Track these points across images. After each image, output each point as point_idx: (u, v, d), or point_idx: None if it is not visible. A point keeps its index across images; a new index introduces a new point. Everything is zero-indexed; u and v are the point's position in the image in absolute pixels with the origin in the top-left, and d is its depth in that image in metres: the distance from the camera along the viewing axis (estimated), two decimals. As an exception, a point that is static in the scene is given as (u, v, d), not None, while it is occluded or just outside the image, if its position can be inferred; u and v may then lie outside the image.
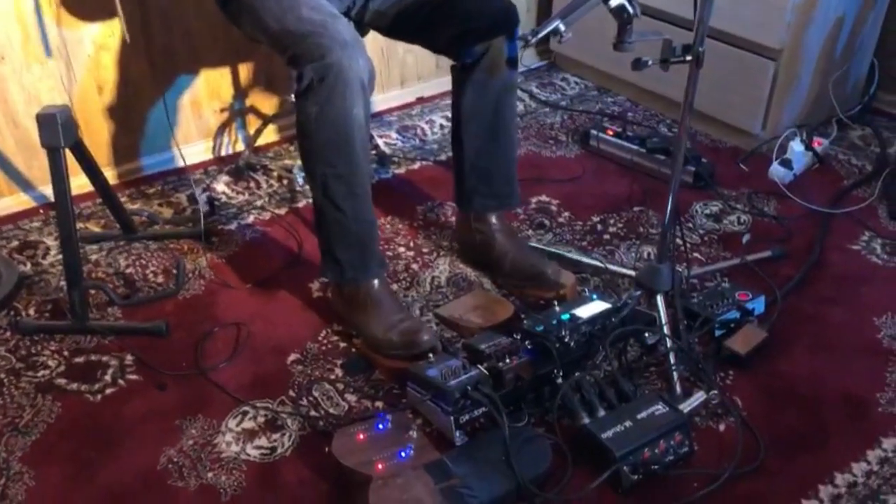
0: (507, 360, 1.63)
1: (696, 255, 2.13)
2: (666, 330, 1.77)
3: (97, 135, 2.36)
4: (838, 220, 2.27)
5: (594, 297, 1.83)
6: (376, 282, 1.82)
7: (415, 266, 2.10)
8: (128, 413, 1.68)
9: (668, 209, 1.82)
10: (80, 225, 2.22)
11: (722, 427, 1.64)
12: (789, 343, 1.85)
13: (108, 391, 1.73)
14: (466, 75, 1.91)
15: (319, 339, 1.87)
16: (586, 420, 1.58)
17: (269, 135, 2.64)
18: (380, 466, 1.48)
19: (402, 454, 1.52)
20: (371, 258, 1.82)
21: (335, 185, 1.74)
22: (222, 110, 2.56)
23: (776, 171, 2.43)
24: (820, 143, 2.51)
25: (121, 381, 1.76)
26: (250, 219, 2.30)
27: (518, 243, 2.03)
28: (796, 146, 2.45)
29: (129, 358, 1.81)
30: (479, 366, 1.63)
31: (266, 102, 2.62)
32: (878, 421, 1.66)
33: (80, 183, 2.15)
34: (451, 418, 1.56)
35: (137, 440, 1.62)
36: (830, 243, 2.18)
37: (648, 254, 2.15)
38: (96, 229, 2.25)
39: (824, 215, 2.27)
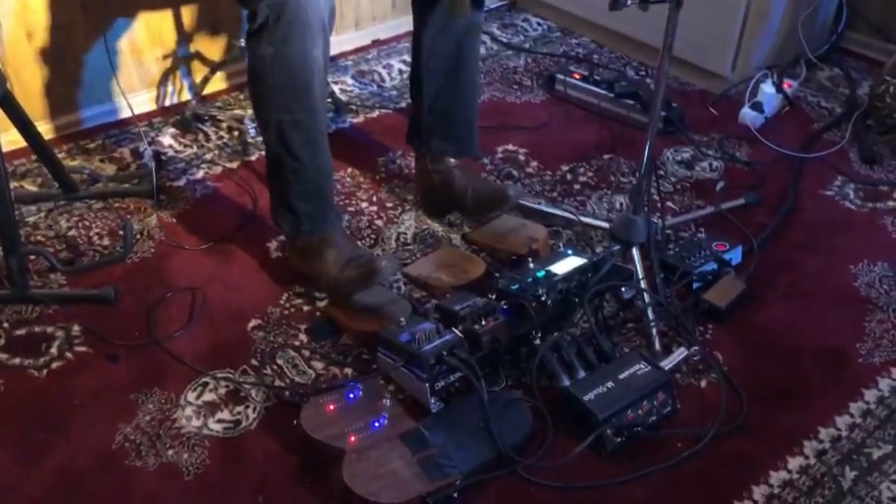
0: (483, 322, 1.55)
1: (668, 204, 2.07)
2: (643, 284, 1.71)
3: (29, 86, 2.18)
4: (810, 164, 2.22)
5: (569, 252, 1.75)
6: (333, 232, 1.72)
7: (379, 222, 2.00)
8: (78, 388, 1.57)
9: (645, 158, 1.75)
10: (14, 184, 2.06)
11: (703, 383, 1.60)
12: (766, 293, 1.81)
13: (55, 365, 1.61)
14: (428, 12, 1.79)
15: (281, 302, 1.76)
16: (566, 382, 1.51)
17: (217, 83, 2.48)
18: (352, 439, 1.40)
19: (376, 424, 1.44)
20: (328, 209, 1.72)
21: (292, 133, 1.62)
22: (165, 57, 2.38)
23: (747, 114, 2.37)
24: (790, 86, 2.45)
25: (68, 354, 1.63)
26: (200, 174, 2.16)
27: (477, 177, 1.97)
28: (767, 88, 2.39)
29: (75, 328, 1.69)
30: (454, 329, 1.55)
31: (213, 48, 2.45)
32: (859, 372, 1.63)
33: (11, 138, 2.00)
34: (426, 385, 1.48)
35: (90, 418, 1.51)
36: (803, 189, 2.13)
37: (621, 204, 2.07)
38: (33, 188, 2.09)
39: (796, 160, 2.22)
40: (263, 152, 2.21)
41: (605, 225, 1.93)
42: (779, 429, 1.52)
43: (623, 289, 1.74)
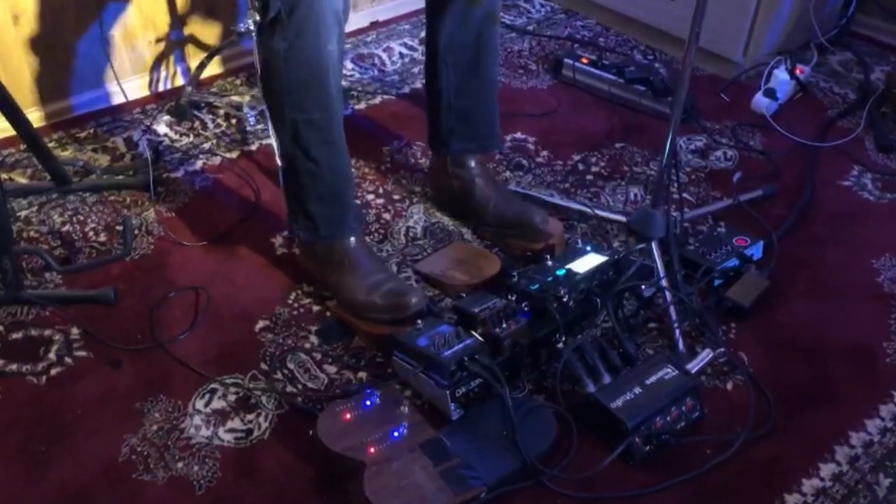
0: (504, 325, 1.49)
1: (684, 195, 2.00)
2: (664, 282, 1.66)
3: (16, 72, 2.07)
4: (826, 153, 2.17)
5: (588, 248, 1.70)
6: (353, 239, 1.64)
7: (386, 216, 1.93)
8: (79, 396, 1.49)
9: (666, 151, 1.69)
10: (3, 175, 1.97)
11: (729, 386, 1.55)
12: (788, 290, 1.76)
13: (54, 371, 1.54)
14: (443, 3, 1.70)
15: (289, 301, 1.69)
16: (591, 388, 1.46)
17: (213, 67, 2.38)
18: (372, 450, 1.35)
19: (395, 434, 1.38)
20: (347, 213, 1.64)
21: (307, 133, 1.54)
22: (158, 41, 2.28)
23: (760, 101, 2.31)
24: (803, 71, 2.39)
25: (67, 360, 1.56)
26: (198, 164, 2.08)
27: (500, 189, 1.87)
28: (781, 74, 2.33)
29: (74, 331, 1.61)
30: (473, 332, 1.49)
31: (208, 31, 2.35)
32: (887, 372, 1.59)
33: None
34: (447, 392, 1.42)
35: (93, 428, 1.44)
36: (820, 179, 2.08)
37: (636, 195, 2.01)
38: (23, 181, 1.99)
39: (812, 149, 2.17)
40: (263, 141, 2.14)
41: (622, 219, 1.87)
42: (808, 433, 1.47)
43: (642, 286, 1.69)
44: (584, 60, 2.41)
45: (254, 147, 2.14)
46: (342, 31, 1.47)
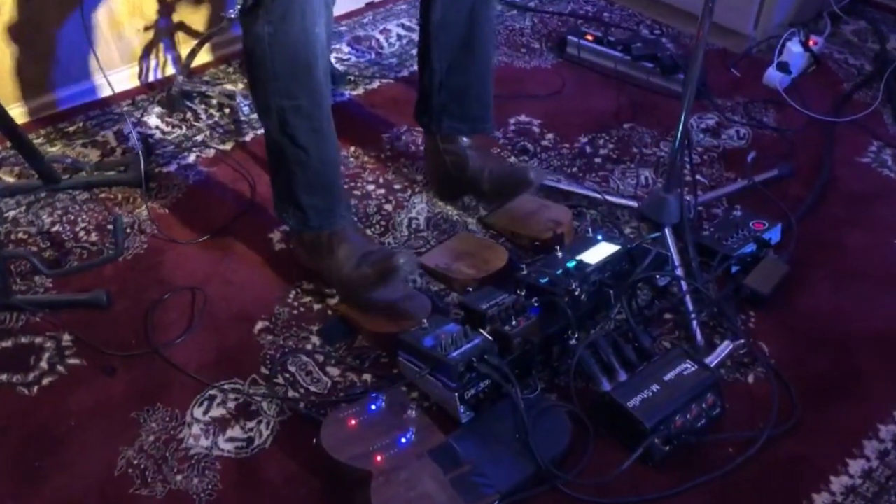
0: (514, 323, 1.42)
1: (697, 177, 1.93)
2: (679, 271, 1.59)
3: (-2, 65, 2.00)
4: (843, 128, 2.09)
5: (599, 237, 1.62)
6: (343, 227, 1.58)
7: (388, 207, 1.85)
8: (73, 407, 1.43)
9: (679, 132, 1.61)
10: (-10, 175, 1.90)
11: (751, 379, 1.48)
12: (808, 275, 1.68)
13: (46, 381, 1.47)
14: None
15: (289, 300, 1.63)
16: (607, 386, 1.39)
17: (203, 55, 2.29)
18: (379, 458, 1.28)
19: (403, 440, 1.32)
20: (337, 202, 1.58)
21: (295, 121, 1.47)
22: (146, 29, 2.20)
23: (773, 76, 2.22)
24: (816, 43, 2.30)
25: (60, 368, 1.50)
26: (191, 158, 2.00)
27: (493, 157, 1.81)
28: (794, 47, 2.24)
29: (66, 338, 1.55)
30: (481, 330, 1.42)
31: (197, 18, 2.26)
32: (915, 360, 1.52)
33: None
34: (456, 395, 1.35)
35: (88, 440, 1.38)
36: (838, 156, 2.00)
37: (647, 178, 1.94)
38: (10, 179, 1.92)
39: (828, 125, 2.09)
40: (258, 131, 2.07)
41: (633, 204, 1.79)
42: (835, 427, 1.41)
43: (657, 276, 1.61)
44: (589, 38, 2.32)
45: (248, 137, 2.06)
46: (330, 14, 1.40)
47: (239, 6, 1.42)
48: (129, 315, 1.59)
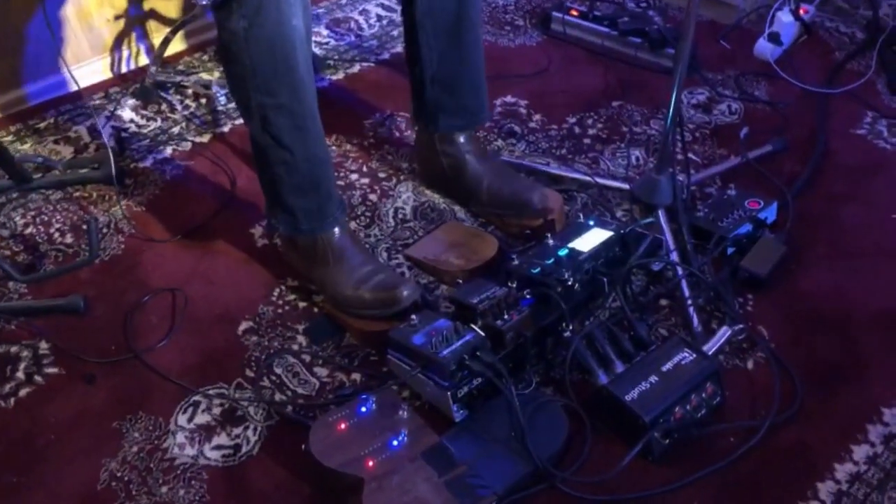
0: (506, 316, 1.38)
1: (689, 155, 1.88)
2: (674, 255, 1.54)
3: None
4: (836, 100, 2.04)
5: (591, 222, 1.57)
6: (337, 230, 1.52)
7: (373, 197, 1.80)
8: (51, 419, 1.38)
9: (671, 111, 1.55)
10: (-42, 177, 1.83)
11: (750, 364, 1.44)
12: (806, 254, 1.64)
13: (23, 392, 1.43)
14: (419, -38, 1.55)
15: (273, 299, 1.57)
16: (604, 379, 1.35)
17: (177, 43, 2.22)
18: (370, 463, 1.24)
19: (395, 443, 1.28)
20: (329, 202, 1.51)
21: (277, 119, 1.40)
22: (117, 18, 2.12)
23: (763, 47, 2.17)
24: (807, 11, 2.24)
25: (37, 378, 1.45)
26: (168, 151, 1.94)
27: (493, 165, 1.73)
28: (784, 17, 2.18)
29: (43, 345, 1.50)
30: (473, 325, 1.38)
31: (169, 5, 2.19)
32: (918, 339, 1.48)
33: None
34: (448, 394, 1.31)
35: (68, 453, 1.33)
36: (832, 128, 1.95)
37: (637, 159, 1.88)
38: (-20, 180, 1.86)
39: (821, 97, 2.03)
40: (237, 122, 2.01)
41: (625, 186, 1.74)
42: (838, 412, 1.37)
43: (652, 262, 1.57)
44: (574, 13, 2.26)
45: (226, 128, 2.00)
46: (307, 3, 1.33)
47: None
48: (108, 320, 1.54)
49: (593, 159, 1.88)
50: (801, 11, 2.22)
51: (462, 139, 1.70)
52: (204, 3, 1.90)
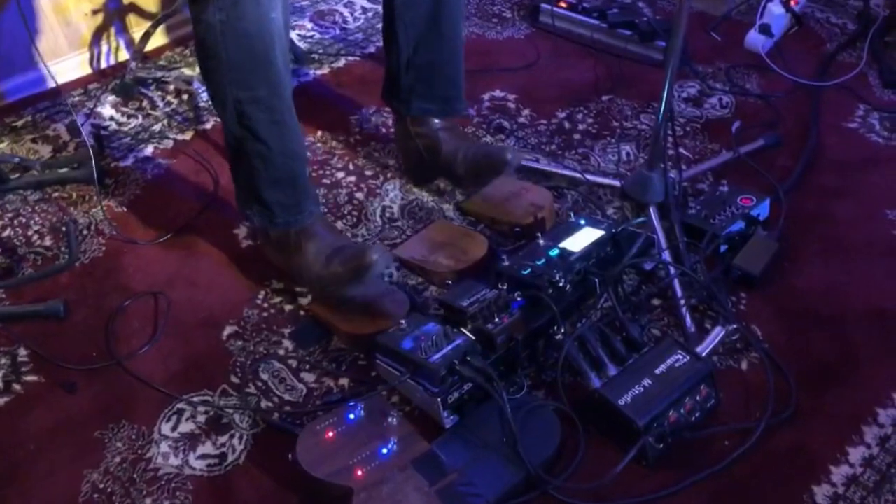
0: (497, 320, 1.35)
1: (680, 150, 1.85)
2: (667, 254, 1.52)
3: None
4: (828, 93, 2.02)
5: (582, 221, 1.55)
6: (310, 222, 1.49)
7: (359, 195, 1.76)
8: (32, 429, 1.35)
9: (662, 105, 1.53)
10: (-67, 178, 1.78)
11: (744, 365, 1.42)
12: (799, 252, 1.62)
13: (2, 401, 1.39)
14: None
15: (258, 302, 1.54)
16: (597, 383, 1.32)
17: (158, 38, 2.18)
18: (359, 473, 1.21)
19: (384, 451, 1.25)
20: (303, 196, 1.48)
21: (254, 113, 1.37)
22: (95, 12, 2.07)
23: (754, 39, 2.14)
24: (797, 2, 2.22)
25: (16, 387, 1.41)
26: (149, 149, 1.89)
27: (467, 137, 1.72)
28: (775, 8, 2.15)
29: (22, 353, 1.46)
30: (462, 329, 1.35)
31: (148, -3, 2.14)
32: (912, 338, 1.47)
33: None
34: (438, 400, 1.28)
35: (49, 464, 1.30)
36: (824, 122, 1.93)
37: (628, 154, 1.86)
38: (-44, 181, 1.81)
39: (813, 89, 2.01)
40: (218, 118, 1.95)
41: (616, 183, 1.72)
42: (832, 413, 1.35)
43: (644, 262, 1.54)
44: (563, 4, 2.23)
45: (209, 125, 1.95)
46: (286, -6, 1.30)
47: (187, -8, 1.31)
48: (89, 325, 1.50)
49: (583, 155, 1.85)
50: (792, 2, 2.20)
51: (436, 121, 1.68)
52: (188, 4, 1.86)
